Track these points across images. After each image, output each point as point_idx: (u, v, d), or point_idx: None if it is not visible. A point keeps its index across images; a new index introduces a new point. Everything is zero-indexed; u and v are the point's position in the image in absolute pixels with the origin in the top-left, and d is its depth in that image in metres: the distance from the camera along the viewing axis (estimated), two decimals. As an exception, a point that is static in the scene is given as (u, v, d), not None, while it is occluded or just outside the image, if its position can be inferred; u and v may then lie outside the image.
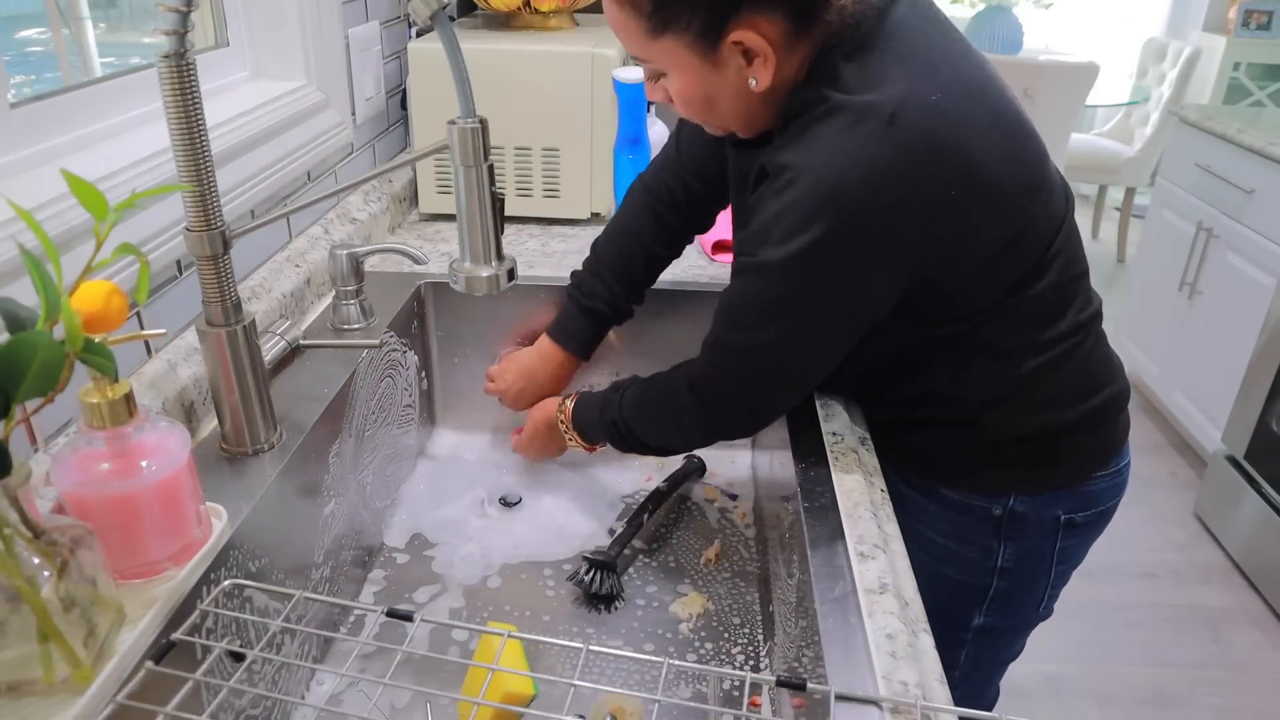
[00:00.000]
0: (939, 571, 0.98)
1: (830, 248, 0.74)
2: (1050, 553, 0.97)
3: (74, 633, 0.55)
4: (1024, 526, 0.94)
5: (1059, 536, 0.96)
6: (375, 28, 1.37)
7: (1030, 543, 0.95)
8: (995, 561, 0.96)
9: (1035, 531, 0.95)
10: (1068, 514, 0.95)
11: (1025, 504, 0.93)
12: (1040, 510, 0.94)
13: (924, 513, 0.98)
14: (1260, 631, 2.05)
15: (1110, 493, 0.97)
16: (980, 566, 0.97)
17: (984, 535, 0.95)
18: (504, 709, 0.63)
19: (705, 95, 0.81)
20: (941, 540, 0.98)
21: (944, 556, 0.98)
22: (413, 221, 1.45)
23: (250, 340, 0.79)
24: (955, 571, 0.98)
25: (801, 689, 0.58)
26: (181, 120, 0.68)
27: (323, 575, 0.91)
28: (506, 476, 1.21)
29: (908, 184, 0.72)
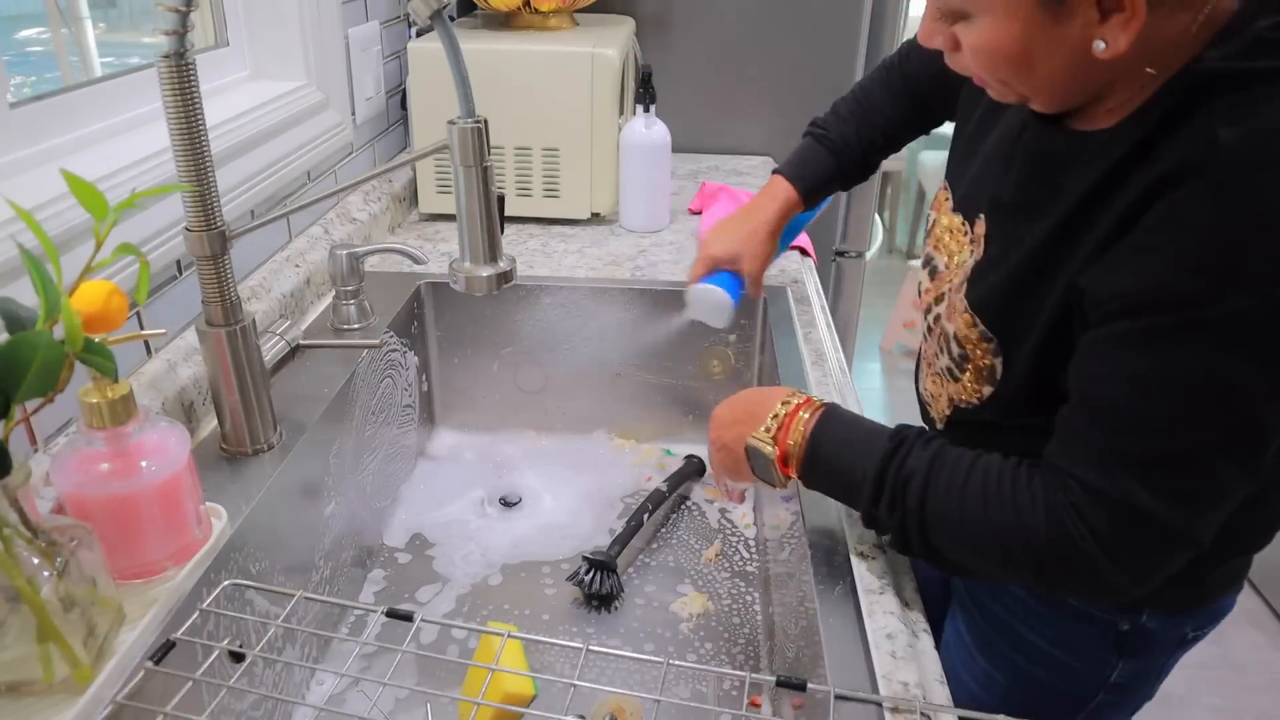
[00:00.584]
0: (1031, 673, 0.85)
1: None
2: (1166, 667, 0.84)
3: (74, 633, 0.55)
4: (1150, 644, 0.81)
5: (1176, 652, 0.83)
6: (375, 28, 1.37)
7: (1153, 660, 0.83)
8: (1108, 676, 0.82)
9: (1160, 648, 0.82)
10: (1195, 630, 0.82)
11: (1158, 621, 0.79)
12: (1171, 628, 0.80)
13: (1031, 615, 0.82)
14: (1260, 631, 2.05)
15: (1230, 606, 0.84)
16: (1089, 680, 0.83)
17: (1101, 649, 0.81)
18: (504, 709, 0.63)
19: (1026, 52, 0.60)
20: (1044, 644, 0.83)
21: (1044, 660, 0.83)
22: (413, 221, 1.45)
23: (250, 340, 0.79)
24: (1056, 679, 0.84)
25: (801, 689, 0.58)
26: (181, 120, 0.68)
27: (323, 575, 0.91)
28: (506, 476, 1.21)
29: None
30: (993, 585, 0.85)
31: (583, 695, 0.82)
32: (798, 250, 1.39)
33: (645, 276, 1.25)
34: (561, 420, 1.29)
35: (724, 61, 1.82)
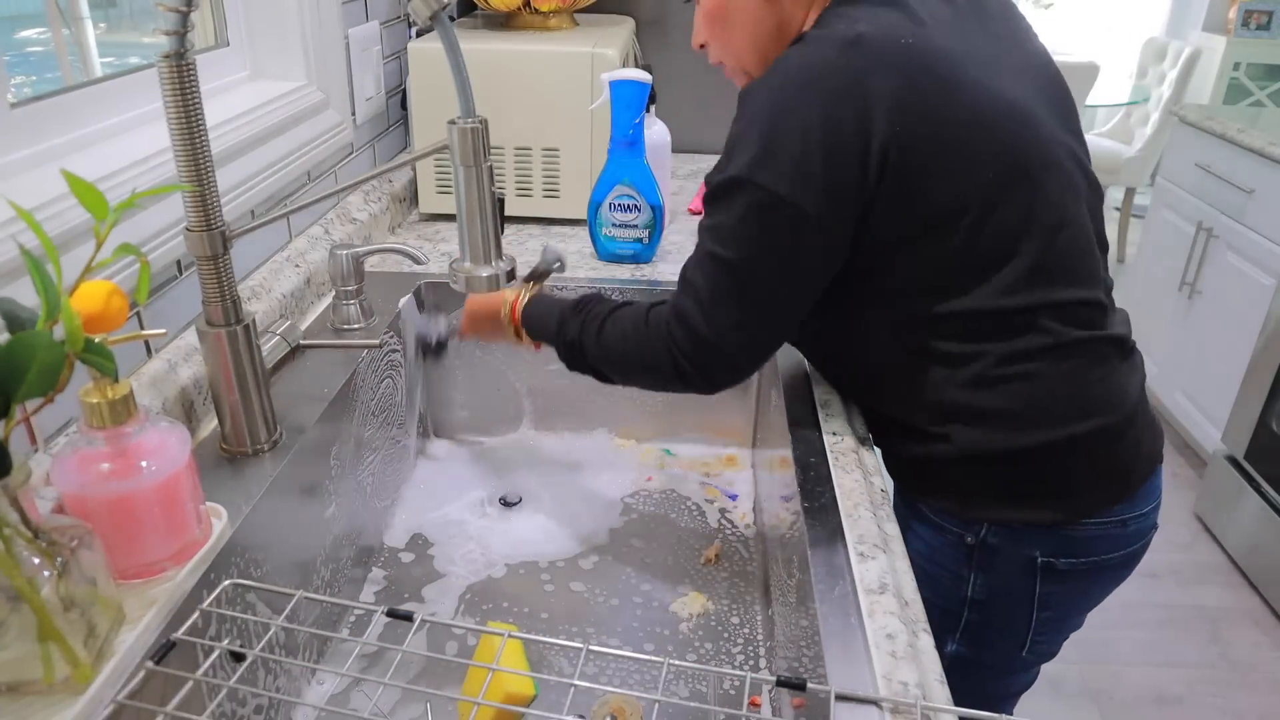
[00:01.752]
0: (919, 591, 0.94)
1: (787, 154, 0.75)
2: (1029, 595, 0.90)
3: (74, 633, 0.55)
4: (995, 560, 0.89)
5: (1038, 580, 0.89)
6: (375, 28, 1.37)
7: (1004, 579, 0.90)
8: (966, 591, 0.91)
9: (1008, 568, 0.89)
10: (1047, 557, 0.87)
11: (999, 536, 0.88)
12: (1014, 546, 0.88)
13: (908, 529, 0.94)
14: (1260, 631, 2.05)
15: (1106, 544, 0.88)
16: (951, 592, 0.92)
17: (955, 561, 0.91)
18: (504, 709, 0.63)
19: (722, 7, 0.85)
20: (918, 559, 0.91)
21: (922, 576, 0.90)
22: (413, 221, 1.45)
23: (250, 340, 0.79)
24: (928, 592, 0.90)
25: (801, 689, 0.58)
26: (181, 120, 0.68)
27: (323, 575, 0.91)
28: (506, 476, 1.21)
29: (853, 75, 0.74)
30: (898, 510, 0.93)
31: (583, 695, 0.82)
32: None
33: (645, 277, 1.25)
34: (561, 420, 1.29)
35: (724, 61, 1.82)
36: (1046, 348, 0.81)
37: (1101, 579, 0.92)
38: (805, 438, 0.91)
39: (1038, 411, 0.82)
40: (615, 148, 1.22)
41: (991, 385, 0.82)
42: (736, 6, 0.84)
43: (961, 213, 0.78)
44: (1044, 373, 0.82)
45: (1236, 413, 2.25)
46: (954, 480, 0.88)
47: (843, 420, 0.95)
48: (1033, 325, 0.81)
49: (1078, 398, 0.83)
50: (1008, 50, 0.84)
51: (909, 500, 0.95)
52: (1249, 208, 2.31)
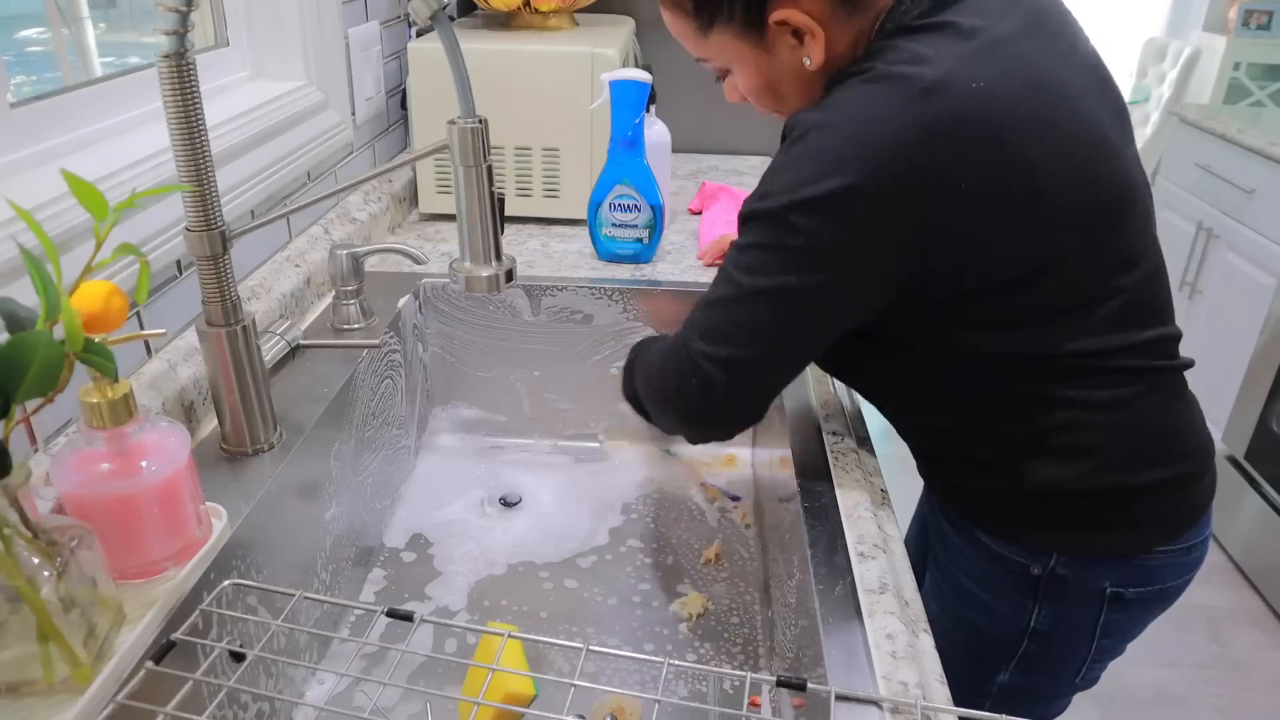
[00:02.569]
0: (967, 617, 0.92)
1: (844, 202, 0.69)
2: (1092, 625, 0.87)
3: (74, 633, 0.55)
4: (1064, 591, 0.85)
5: (1104, 609, 0.86)
6: (375, 28, 1.37)
7: (1069, 610, 0.86)
8: (1028, 621, 0.88)
9: (1076, 599, 0.86)
10: (1116, 587, 0.85)
11: (1069, 567, 0.84)
12: (1085, 577, 0.84)
13: (960, 555, 0.91)
14: (1260, 631, 2.05)
15: (1174, 571, 0.86)
16: (1011, 623, 0.89)
17: (1018, 592, 0.87)
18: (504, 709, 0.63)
19: (768, 82, 0.81)
20: (974, 587, 0.90)
21: (975, 604, 0.91)
22: (413, 221, 1.45)
23: (250, 340, 0.79)
24: (985, 622, 0.91)
25: (801, 689, 0.58)
26: (181, 120, 0.68)
27: (323, 575, 0.91)
28: (506, 477, 1.21)
29: (933, 154, 0.67)
30: (943, 535, 0.93)
31: (583, 695, 0.82)
32: None
33: (646, 277, 1.25)
34: (561, 420, 1.29)
35: (724, 61, 1.82)
36: (1132, 389, 0.79)
37: (1162, 604, 0.89)
38: (805, 438, 0.91)
39: (1124, 454, 0.80)
40: (615, 148, 1.22)
41: (1075, 428, 0.79)
42: (782, 77, 0.80)
43: (1039, 269, 0.74)
44: (1128, 415, 0.79)
45: (1236, 413, 2.25)
46: (1022, 512, 0.84)
47: (843, 420, 0.95)
48: (1120, 366, 0.78)
49: (1162, 440, 0.81)
50: (1074, 61, 0.76)
51: (963, 528, 0.90)
52: (1249, 208, 2.31)
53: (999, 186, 0.69)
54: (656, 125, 1.35)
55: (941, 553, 0.94)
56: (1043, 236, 0.72)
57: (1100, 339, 0.77)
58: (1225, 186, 2.40)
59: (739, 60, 0.80)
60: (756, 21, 0.76)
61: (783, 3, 0.74)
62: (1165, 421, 0.82)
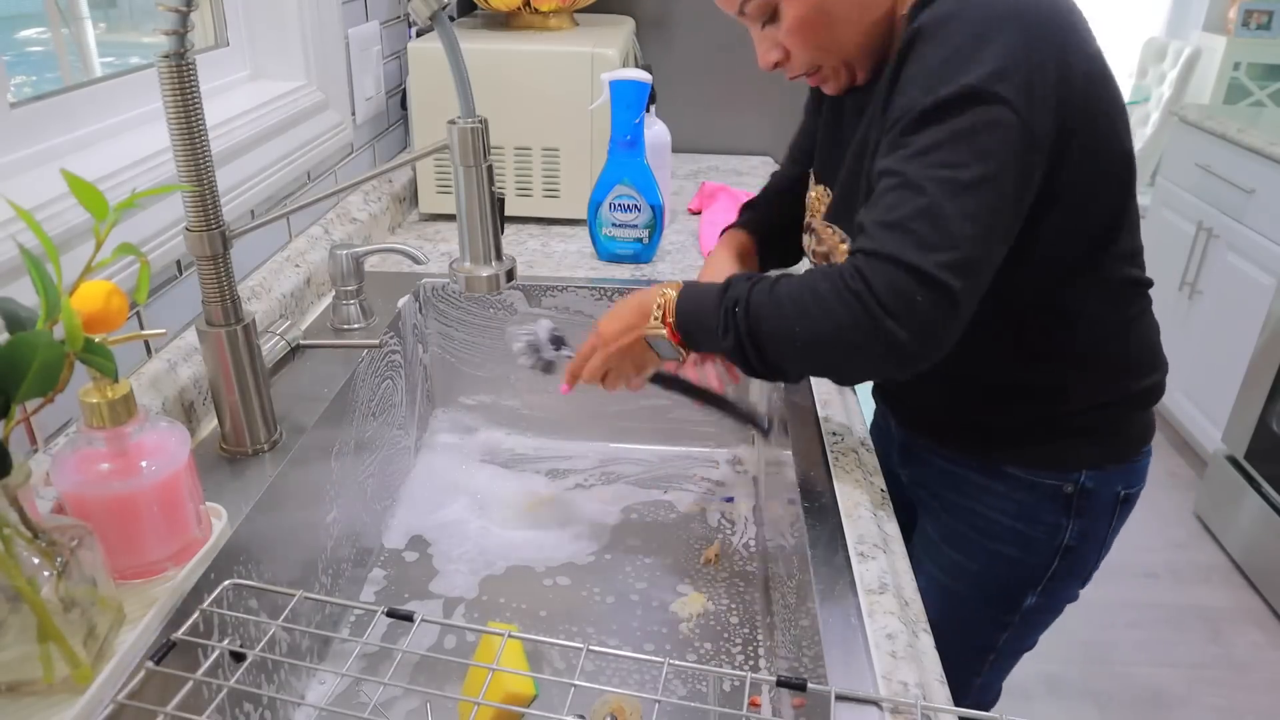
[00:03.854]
0: (996, 551, 0.97)
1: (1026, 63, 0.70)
2: (1107, 529, 0.96)
3: (74, 633, 0.55)
4: (1092, 502, 0.93)
5: (1116, 512, 0.95)
6: (375, 28, 1.37)
7: (1095, 519, 0.95)
8: (1062, 539, 0.94)
9: (1100, 508, 0.94)
10: (1126, 489, 0.94)
11: (1095, 479, 0.92)
12: (1105, 486, 0.93)
13: (987, 493, 0.95)
14: (1260, 631, 2.05)
15: (1147, 469, 0.97)
16: (1045, 545, 0.95)
17: (1053, 513, 0.93)
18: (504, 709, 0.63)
19: (821, 10, 0.78)
20: (1007, 520, 0.95)
21: (1006, 536, 0.96)
22: (413, 221, 1.45)
23: (250, 340, 0.79)
24: (1018, 551, 0.96)
25: (801, 689, 0.58)
26: (181, 120, 0.68)
27: (323, 575, 0.91)
28: (507, 476, 1.21)
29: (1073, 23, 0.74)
30: (957, 479, 0.97)
31: (583, 695, 0.82)
32: None
33: (646, 277, 1.25)
34: (562, 420, 1.29)
35: (724, 61, 1.82)
36: (1141, 304, 0.89)
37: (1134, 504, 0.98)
38: (805, 438, 0.91)
39: (1148, 358, 0.92)
40: (615, 148, 1.22)
41: (1122, 340, 0.88)
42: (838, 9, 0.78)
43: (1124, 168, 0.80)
44: (1147, 323, 0.90)
45: (1236, 413, 2.25)
46: (1058, 433, 0.91)
47: (843, 420, 0.95)
48: (1139, 283, 0.88)
49: (1154, 350, 0.93)
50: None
51: (993, 467, 0.94)
52: (1249, 208, 2.31)
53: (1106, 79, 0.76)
54: (656, 125, 1.35)
55: (957, 495, 0.98)
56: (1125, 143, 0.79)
57: (1130, 260, 0.86)
58: (1225, 186, 2.40)
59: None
60: None
61: None
62: (1154, 332, 0.93)
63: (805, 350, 0.75)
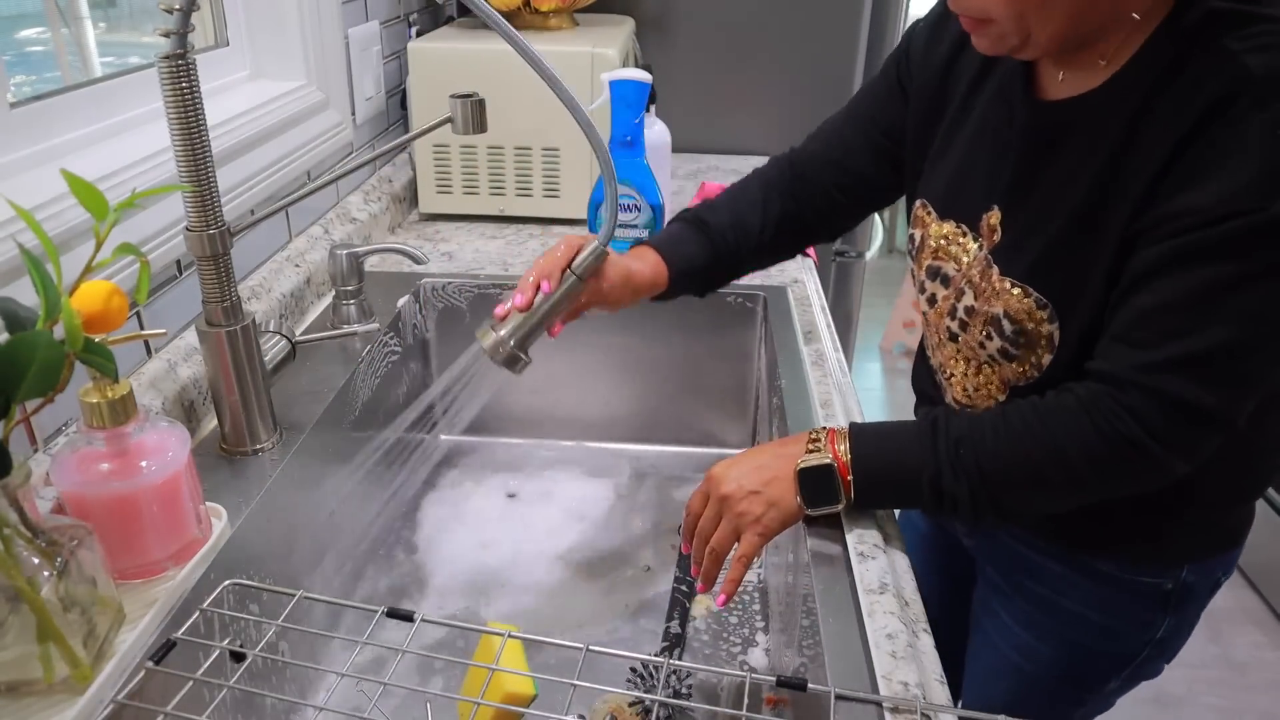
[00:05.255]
0: (1074, 640, 0.87)
1: None
2: (1199, 615, 0.87)
3: (74, 633, 0.55)
4: (1191, 596, 0.84)
5: (1210, 598, 0.87)
6: (375, 28, 1.37)
7: (1192, 612, 0.86)
8: (1154, 634, 0.85)
9: (1198, 599, 0.85)
10: (1225, 574, 0.86)
11: (1197, 572, 0.82)
12: (1206, 577, 0.84)
13: (1071, 587, 0.85)
14: (1260, 631, 2.05)
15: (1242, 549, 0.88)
16: (1135, 639, 0.86)
17: (1149, 610, 0.84)
18: (504, 709, 0.63)
19: None
20: (1094, 617, 0.85)
21: (1087, 628, 0.86)
22: (413, 221, 1.45)
23: (250, 340, 0.79)
24: (1106, 645, 0.87)
25: (801, 689, 0.58)
26: (181, 120, 0.68)
27: (323, 575, 0.91)
28: (507, 476, 1.21)
29: None
30: (1032, 566, 0.86)
31: (583, 695, 0.82)
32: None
33: (645, 276, 1.25)
34: (564, 420, 1.29)
35: (724, 61, 1.82)
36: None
37: None
38: (805, 438, 0.91)
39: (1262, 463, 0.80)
40: (615, 148, 1.22)
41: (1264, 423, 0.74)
42: None
43: None
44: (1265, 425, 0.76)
45: (1236, 413, 2.25)
46: (1175, 538, 0.81)
47: (843, 420, 0.94)
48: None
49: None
50: None
51: (1076, 563, 0.84)
52: (1249, 208, 2.30)
53: None
54: (656, 125, 1.35)
55: (1035, 586, 0.87)
56: None
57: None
58: (1225, 186, 2.40)
59: None
60: None
61: None
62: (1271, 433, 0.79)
63: (1058, 494, 0.70)
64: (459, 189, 1.42)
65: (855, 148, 0.91)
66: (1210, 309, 0.61)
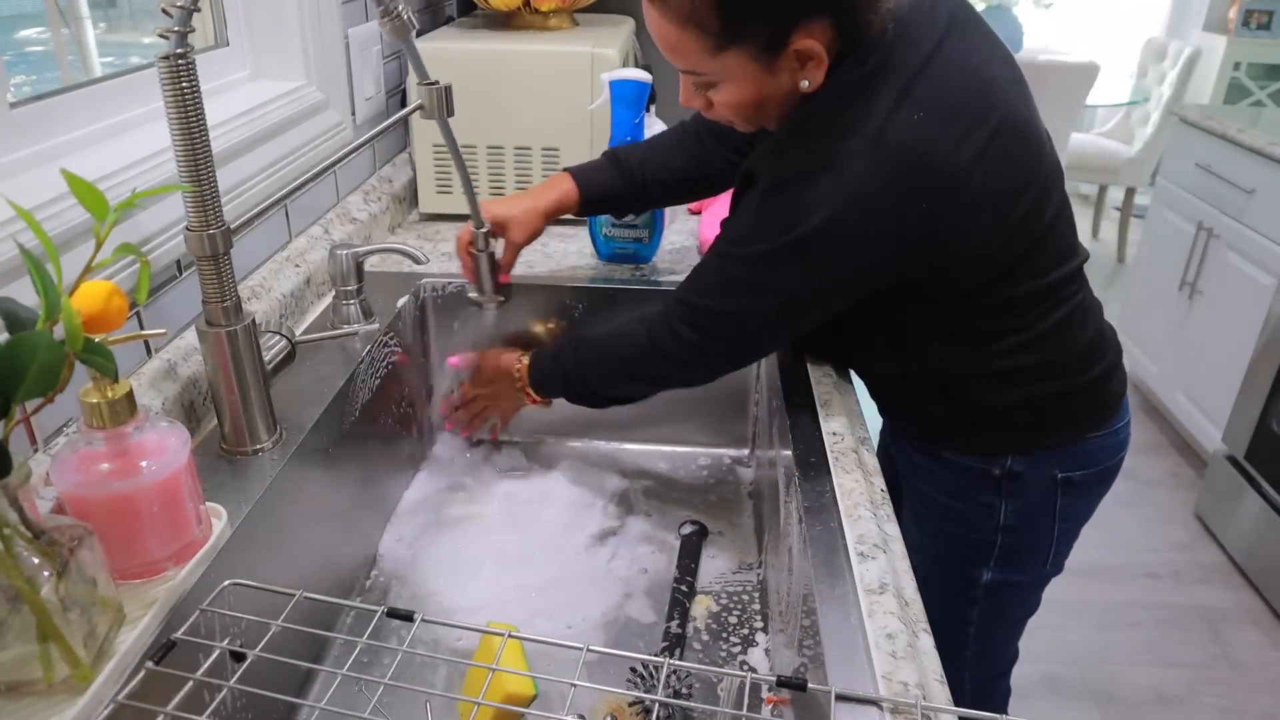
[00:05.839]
0: (945, 530, 1.04)
1: (808, 255, 0.81)
2: (1052, 510, 1.01)
3: (74, 633, 0.55)
4: (1023, 485, 0.98)
5: (1059, 495, 1.00)
6: (375, 28, 1.37)
7: (1031, 500, 0.99)
8: (998, 519, 1.00)
9: (1034, 489, 0.99)
10: (1065, 473, 0.98)
11: (1022, 464, 0.97)
12: (1038, 469, 0.98)
13: (928, 474, 1.04)
14: (1260, 631, 2.05)
15: (1108, 452, 1.01)
16: (984, 524, 1.01)
17: (986, 494, 1.00)
18: (504, 709, 0.63)
19: (759, 100, 0.84)
20: (945, 499, 1.03)
21: (949, 515, 1.03)
22: (413, 221, 1.45)
23: (250, 340, 0.79)
24: (960, 529, 1.03)
25: (802, 689, 0.58)
26: (181, 120, 0.68)
27: (323, 575, 0.91)
28: (507, 476, 1.21)
29: (889, 203, 0.79)
30: (913, 464, 1.05)
31: (583, 695, 0.82)
32: None
33: (645, 277, 1.25)
34: (562, 420, 1.28)
35: (724, 61, 1.82)
36: (1068, 309, 0.92)
37: (1102, 485, 1.03)
38: (805, 438, 0.91)
39: (1068, 361, 0.94)
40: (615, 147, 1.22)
41: (1032, 347, 0.92)
42: (773, 96, 0.84)
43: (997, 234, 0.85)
44: (1069, 330, 0.93)
45: (1236, 413, 2.25)
46: (983, 429, 0.98)
47: (843, 420, 0.94)
48: (1056, 293, 0.91)
49: (1093, 344, 0.96)
50: (994, 55, 0.87)
51: (929, 450, 1.03)
52: (1249, 208, 2.30)
53: (947, 200, 0.80)
54: (656, 125, 1.35)
55: (913, 477, 1.07)
56: (986, 219, 0.83)
57: (1043, 278, 0.89)
58: (1225, 186, 2.40)
59: (741, 79, 0.82)
60: (777, 47, 0.79)
61: (803, 32, 0.78)
62: (1093, 332, 0.96)
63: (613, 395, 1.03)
64: (459, 189, 1.42)
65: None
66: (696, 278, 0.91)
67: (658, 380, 1.00)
